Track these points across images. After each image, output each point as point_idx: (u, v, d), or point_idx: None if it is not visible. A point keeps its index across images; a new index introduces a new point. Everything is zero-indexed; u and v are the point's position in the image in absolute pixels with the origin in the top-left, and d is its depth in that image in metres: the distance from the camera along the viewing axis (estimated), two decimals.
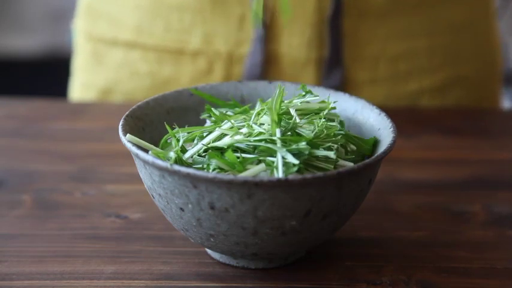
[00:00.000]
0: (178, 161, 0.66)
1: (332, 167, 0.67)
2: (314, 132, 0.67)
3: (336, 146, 0.69)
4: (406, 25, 1.06)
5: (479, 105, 1.12)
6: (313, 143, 0.66)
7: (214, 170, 0.65)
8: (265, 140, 0.66)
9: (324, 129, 0.68)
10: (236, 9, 1.04)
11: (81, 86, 1.16)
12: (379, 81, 1.07)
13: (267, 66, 1.04)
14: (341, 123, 0.73)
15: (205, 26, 1.05)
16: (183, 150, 0.68)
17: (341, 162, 0.68)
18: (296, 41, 1.04)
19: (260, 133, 0.67)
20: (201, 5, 1.05)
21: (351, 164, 0.68)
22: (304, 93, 0.74)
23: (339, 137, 0.69)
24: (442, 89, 1.10)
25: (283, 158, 0.65)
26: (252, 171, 0.65)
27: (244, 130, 0.68)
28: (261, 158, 0.66)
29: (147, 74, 1.09)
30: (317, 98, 0.73)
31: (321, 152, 0.66)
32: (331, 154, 0.66)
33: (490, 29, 1.13)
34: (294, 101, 0.72)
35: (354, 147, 0.71)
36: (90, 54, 1.13)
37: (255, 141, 0.66)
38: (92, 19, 1.13)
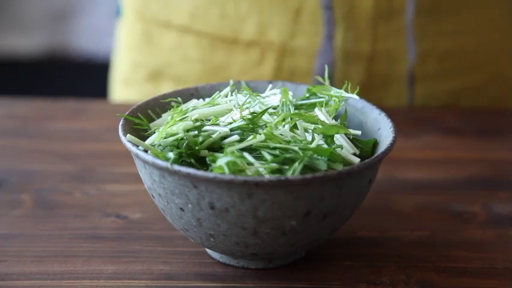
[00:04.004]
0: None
1: None
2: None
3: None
4: (456, 23, 1.07)
5: None
6: (333, 155, 0.66)
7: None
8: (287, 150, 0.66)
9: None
10: (293, 1, 1.04)
11: (130, 64, 1.15)
12: (426, 78, 1.08)
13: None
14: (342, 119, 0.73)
15: (260, 16, 1.05)
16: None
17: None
18: (350, 36, 1.04)
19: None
20: None
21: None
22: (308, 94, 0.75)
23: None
24: (485, 87, 1.10)
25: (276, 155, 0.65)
26: (252, 171, 0.65)
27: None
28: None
29: (199, 60, 1.08)
30: (321, 99, 0.74)
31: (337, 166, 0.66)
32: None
33: None
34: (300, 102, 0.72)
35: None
36: (141, 34, 1.12)
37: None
38: None
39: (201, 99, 0.76)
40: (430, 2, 1.05)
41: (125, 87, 1.16)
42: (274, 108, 0.73)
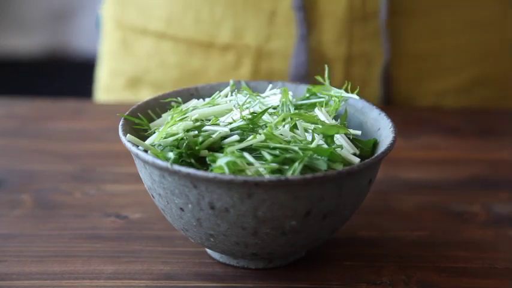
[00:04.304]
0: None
1: None
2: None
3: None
4: (433, 24, 1.07)
5: (506, 104, 1.12)
6: (333, 156, 0.66)
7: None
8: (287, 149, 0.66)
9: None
10: (267, 4, 1.04)
11: (109, 72, 1.15)
12: (406, 79, 1.08)
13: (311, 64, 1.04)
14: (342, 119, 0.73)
15: (235, 20, 1.05)
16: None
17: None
18: (326, 38, 1.04)
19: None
20: None
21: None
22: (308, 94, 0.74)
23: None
24: (468, 88, 1.10)
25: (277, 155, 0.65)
26: (252, 171, 0.65)
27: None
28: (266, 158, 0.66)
29: (176, 65, 1.08)
30: (321, 99, 0.74)
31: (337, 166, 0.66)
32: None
33: None
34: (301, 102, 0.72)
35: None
36: (119, 42, 1.13)
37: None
38: (121, 6, 1.12)
39: (201, 99, 0.76)
40: (404, 3, 1.04)
41: (105, 95, 1.17)
42: (274, 108, 0.73)
